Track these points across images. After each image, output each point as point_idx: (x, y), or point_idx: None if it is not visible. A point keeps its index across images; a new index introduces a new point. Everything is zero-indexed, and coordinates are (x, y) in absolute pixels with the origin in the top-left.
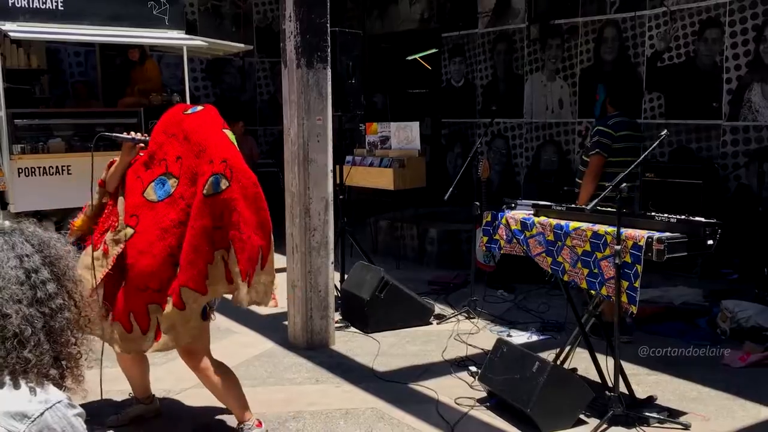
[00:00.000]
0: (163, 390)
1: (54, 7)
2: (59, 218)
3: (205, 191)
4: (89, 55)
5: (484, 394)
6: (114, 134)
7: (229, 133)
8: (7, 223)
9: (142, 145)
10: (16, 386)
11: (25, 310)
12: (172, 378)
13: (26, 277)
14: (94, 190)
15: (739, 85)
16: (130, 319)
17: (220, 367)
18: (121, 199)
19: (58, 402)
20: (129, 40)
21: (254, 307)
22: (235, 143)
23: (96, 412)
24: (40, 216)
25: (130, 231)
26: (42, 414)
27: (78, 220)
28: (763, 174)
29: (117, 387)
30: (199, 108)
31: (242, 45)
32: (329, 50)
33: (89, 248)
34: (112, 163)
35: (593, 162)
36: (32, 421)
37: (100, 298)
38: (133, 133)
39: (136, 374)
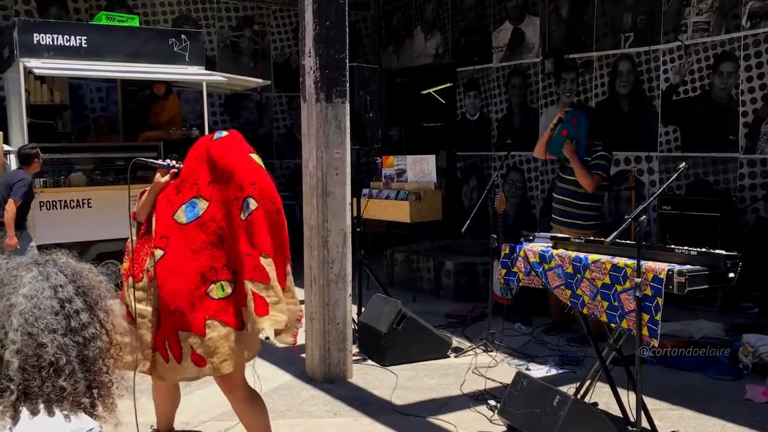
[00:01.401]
0: (181, 423)
1: (78, 45)
2: (80, 250)
3: (242, 216)
4: (111, 91)
5: (503, 428)
6: (150, 160)
7: (256, 156)
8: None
9: (175, 171)
10: (51, 414)
11: (60, 339)
12: (191, 410)
13: (60, 307)
14: (132, 224)
15: (755, 118)
16: (166, 346)
17: (254, 395)
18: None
19: (91, 430)
20: (150, 75)
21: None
22: (263, 165)
23: None
24: (60, 249)
25: (159, 252)
26: None
27: (126, 263)
28: None
29: (141, 419)
30: (225, 134)
31: (260, 80)
32: (347, 85)
33: (129, 280)
34: (143, 193)
35: (596, 179)
36: None
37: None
38: (170, 161)
39: (167, 404)
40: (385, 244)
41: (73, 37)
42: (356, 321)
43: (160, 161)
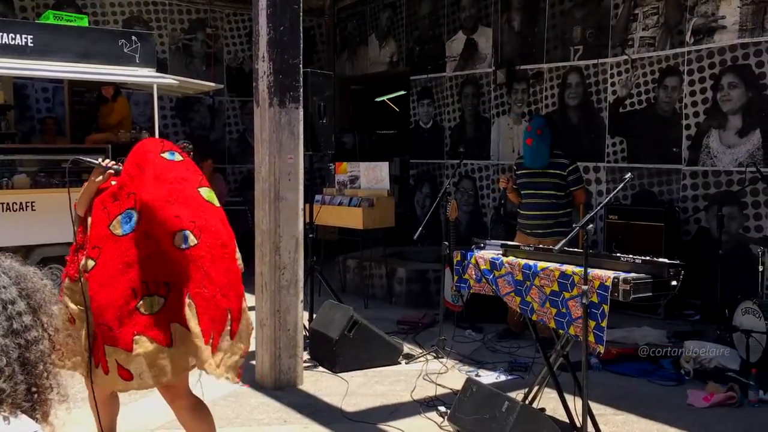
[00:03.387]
0: None
1: (23, 44)
2: (23, 254)
3: (175, 243)
4: (57, 92)
5: None
6: (88, 158)
7: (205, 191)
8: None
9: (112, 172)
10: None
11: (1, 340)
12: (139, 420)
13: (2, 308)
14: (74, 218)
15: (697, 131)
16: (99, 354)
17: (198, 403)
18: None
19: None
20: (99, 77)
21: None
22: (212, 200)
23: None
24: (4, 253)
25: (90, 263)
26: None
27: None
28: (722, 217)
29: (81, 429)
30: (178, 157)
31: (213, 84)
32: (301, 90)
33: (66, 281)
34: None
35: (586, 192)
36: None
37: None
38: (108, 161)
39: (106, 414)
40: (338, 250)
41: (18, 36)
42: (307, 327)
43: (99, 160)
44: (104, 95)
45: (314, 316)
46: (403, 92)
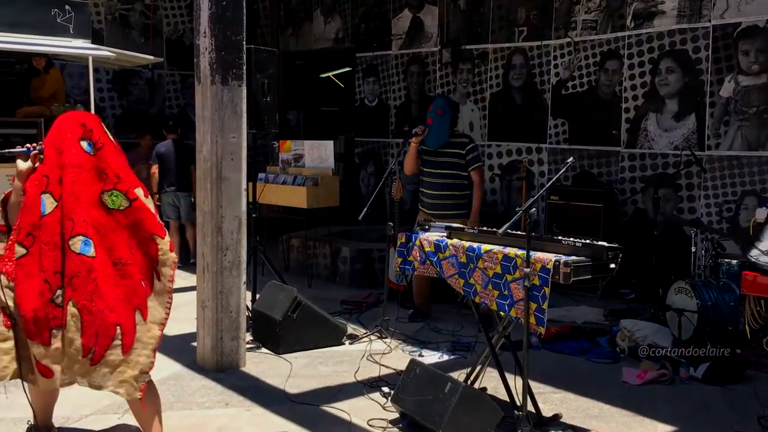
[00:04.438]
0: (61, 417)
1: None
2: None
3: (72, 246)
4: None
5: (396, 416)
6: (6, 150)
7: (109, 198)
8: None
9: (36, 152)
10: None
11: None
12: (70, 405)
13: None
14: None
15: (636, 114)
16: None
17: (149, 387)
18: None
19: None
20: (31, 47)
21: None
22: (118, 206)
23: None
24: None
25: (21, 251)
26: None
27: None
28: (658, 199)
29: (12, 414)
30: (92, 150)
31: (152, 57)
32: (244, 68)
33: (2, 278)
34: (7, 195)
35: (482, 173)
36: None
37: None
38: (28, 145)
39: (43, 399)
40: (282, 229)
41: None
42: (250, 308)
43: (18, 148)
44: (36, 67)
45: (257, 296)
46: (348, 69)
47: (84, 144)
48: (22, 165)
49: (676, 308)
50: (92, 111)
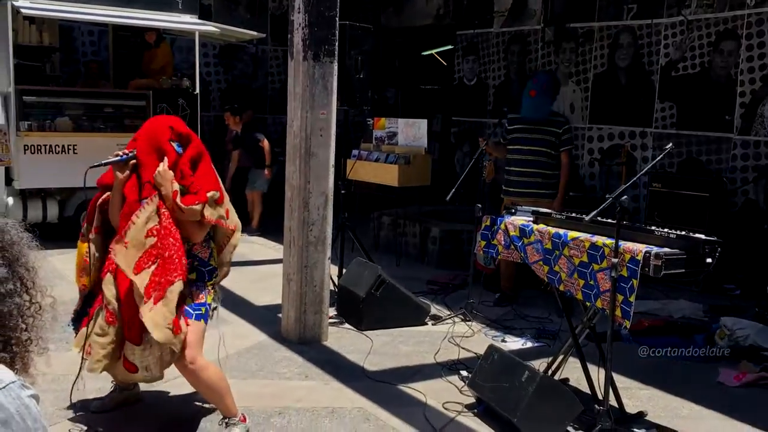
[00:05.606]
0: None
1: None
2: (64, 197)
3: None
4: (102, 35)
5: (472, 400)
6: (102, 162)
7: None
8: None
9: (134, 161)
10: None
11: None
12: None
13: None
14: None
15: (752, 98)
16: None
17: (208, 367)
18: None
19: (12, 383)
20: (142, 22)
21: (249, 298)
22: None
23: (77, 399)
24: (44, 194)
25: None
26: None
27: (84, 279)
28: None
29: (97, 385)
30: (180, 153)
31: (255, 33)
32: (337, 44)
33: (108, 275)
34: (104, 200)
35: (572, 157)
36: None
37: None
38: (119, 152)
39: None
40: (374, 206)
41: None
42: (336, 283)
43: (110, 158)
44: (147, 41)
45: (344, 272)
46: (450, 47)
47: (175, 145)
48: (120, 175)
49: None
50: (197, 84)
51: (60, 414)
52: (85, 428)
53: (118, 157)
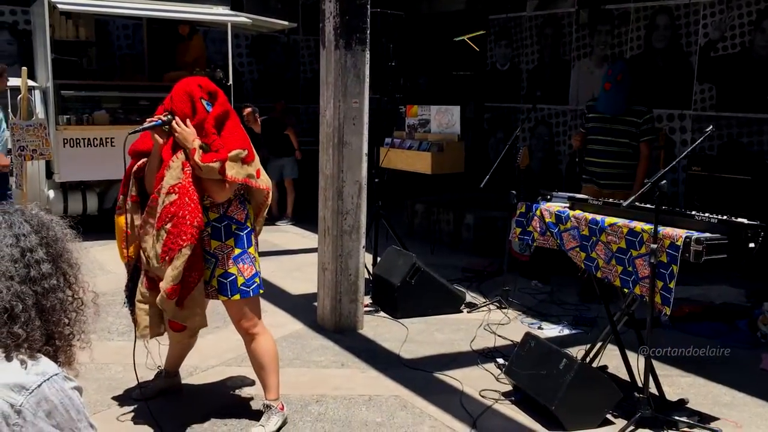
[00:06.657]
0: (190, 366)
1: None
2: (102, 189)
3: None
4: (137, 29)
5: (509, 388)
6: (140, 127)
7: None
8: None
9: (169, 121)
10: (8, 359)
11: (17, 287)
12: (200, 354)
13: (21, 256)
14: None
15: None
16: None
17: (268, 337)
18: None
19: (55, 375)
20: (175, 15)
21: (285, 287)
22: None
23: (117, 385)
24: (84, 186)
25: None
26: (40, 386)
27: (130, 248)
28: None
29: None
30: (210, 110)
31: (286, 23)
32: (369, 32)
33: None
34: (141, 166)
35: (651, 146)
36: (30, 393)
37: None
38: (155, 117)
39: (180, 350)
40: (408, 193)
41: None
42: (370, 272)
43: (147, 122)
44: (181, 33)
45: (378, 260)
46: (482, 32)
47: (205, 103)
48: (161, 140)
49: None
50: (231, 75)
51: (103, 402)
52: (129, 416)
53: (156, 122)
